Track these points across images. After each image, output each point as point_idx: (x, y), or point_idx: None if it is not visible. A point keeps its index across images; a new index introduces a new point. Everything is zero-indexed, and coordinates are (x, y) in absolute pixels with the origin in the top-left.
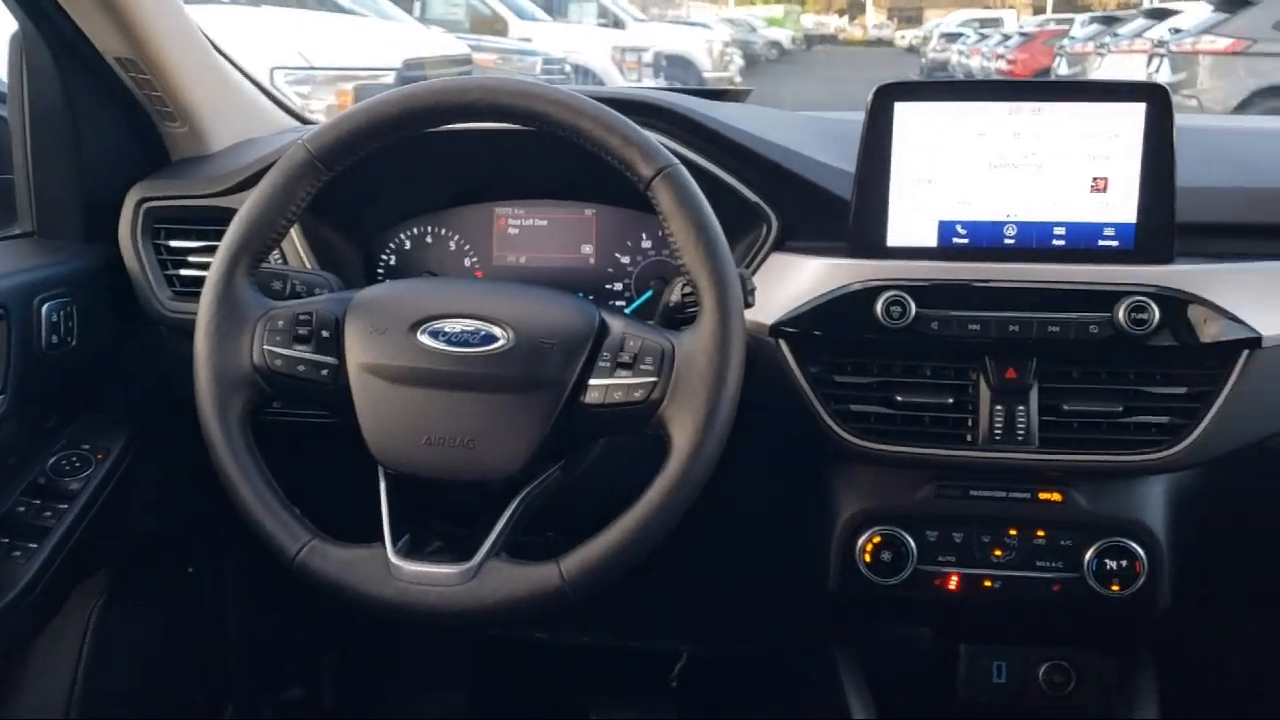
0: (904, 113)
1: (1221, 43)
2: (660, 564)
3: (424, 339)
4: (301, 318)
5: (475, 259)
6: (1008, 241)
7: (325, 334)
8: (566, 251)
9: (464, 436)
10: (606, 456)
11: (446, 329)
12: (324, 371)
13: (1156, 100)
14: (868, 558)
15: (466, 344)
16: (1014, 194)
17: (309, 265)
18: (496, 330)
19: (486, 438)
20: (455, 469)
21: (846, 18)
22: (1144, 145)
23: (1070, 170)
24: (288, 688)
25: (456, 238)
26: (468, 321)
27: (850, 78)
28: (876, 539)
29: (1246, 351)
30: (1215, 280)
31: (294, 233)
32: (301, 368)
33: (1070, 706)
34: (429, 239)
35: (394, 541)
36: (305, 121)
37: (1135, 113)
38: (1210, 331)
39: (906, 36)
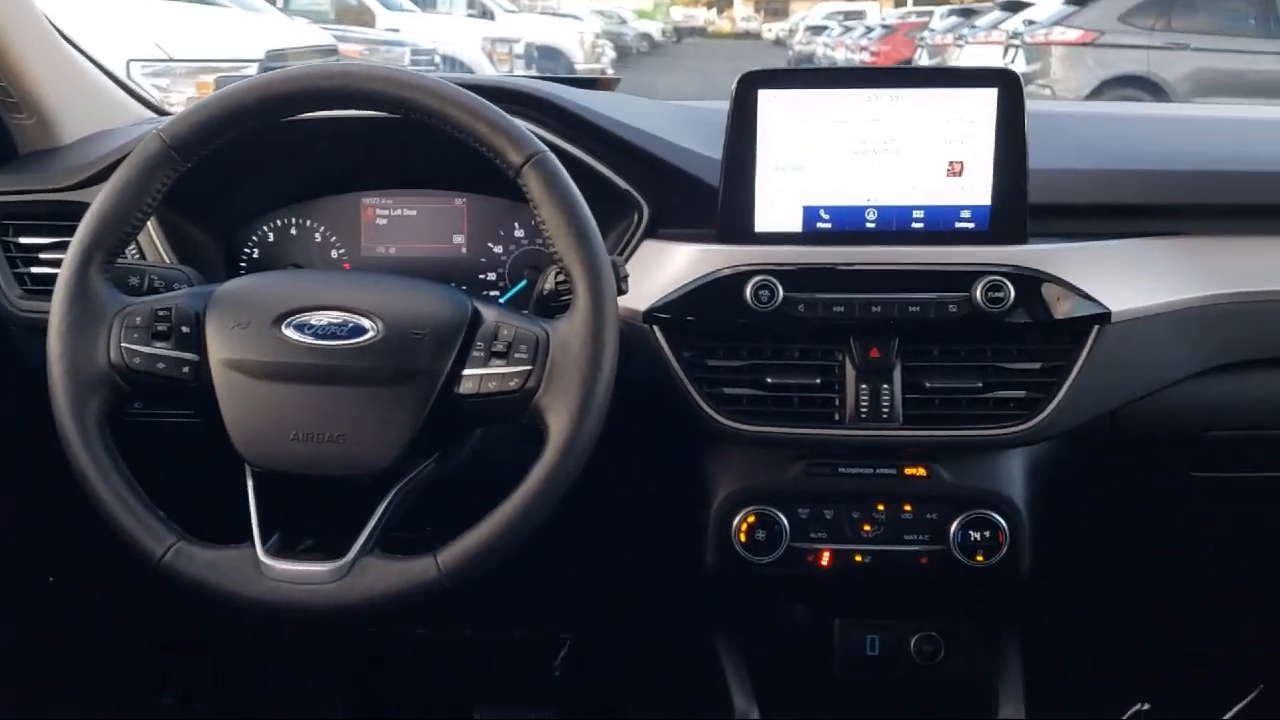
0: (768, 100)
1: (1072, 34)
2: (540, 552)
3: (289, 332)
4: (160, 313)
5: (342, 251)
6: (869, 225)
7: (185, 330)
8: (437, 242)
9: (333, 431)
10: (485, 448)
11: (312, 321)
12: (185, 369)
13: (1007, 85)
14: (743, 537)
15: (334, 336)
16: (875, 179)
17: (167, 260)
18: (365, 322)
19: (357, 432)
20: (325, 465)
21: (715, 10)
22: (997, 130)
23: (928, 155)
24: (159, 695)
25: (322, 229)
26: (334, 313)
27: (721, 69)
28: (751, 518)
29: (1097, 326)
30: (1067, 259)
31: (151, 226)
32: (161, 365)
33: (940, 674)
34: (293, 231)
35: (264, 541)
36: (163, 113)
37: (987, 98)
38: (1063, 308)
39: (774, 29)
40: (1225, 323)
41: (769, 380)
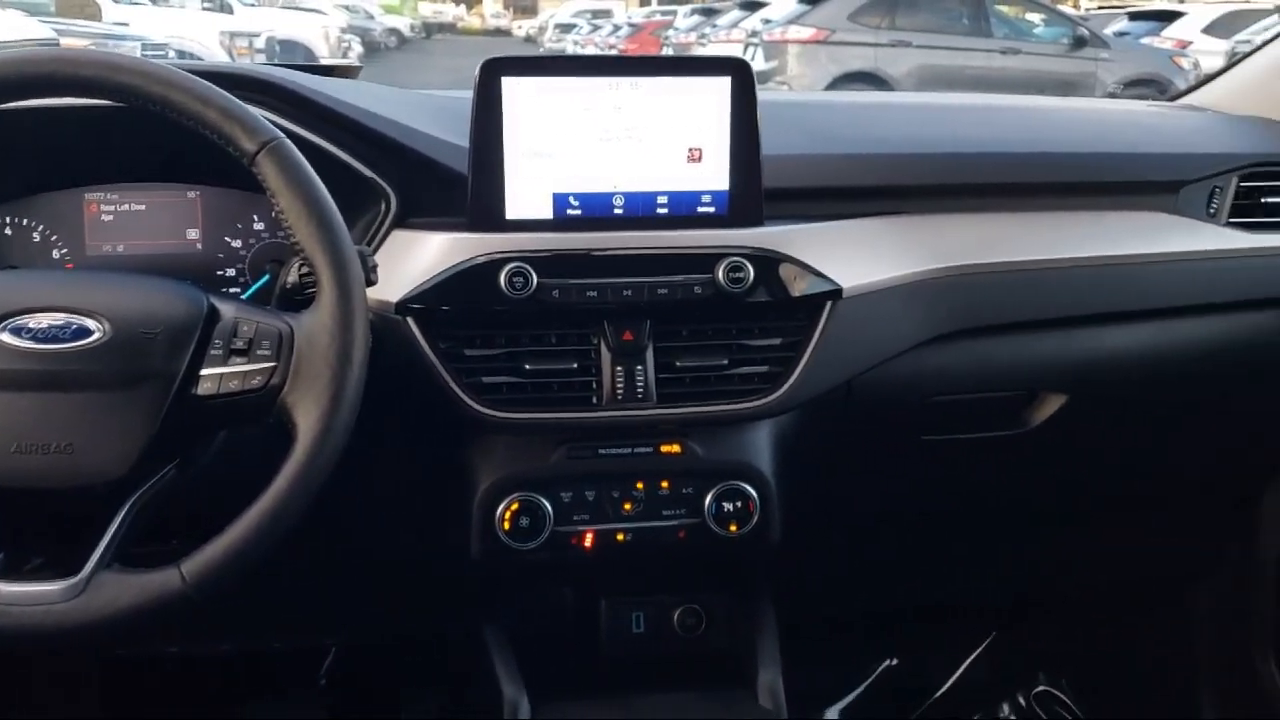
0: (512, 87)
1: (806, 32)
2: (297, 556)
3: (5, 337)
4: None
5: (65, 250)
6: (616, 211)
7: None
8: (170, 237)
9: (60, 441)
10: (234, 450)
11: (31, 325)
12: None
13: (739, 74)
14: (507, 525)
15: (56, 340)
16: (620, 166)
17: None
18: (90, 323)
19: (86, 441)
20: (52, 477)
21: (464, 6)
22: (731, 117)
23: (668, 142)
24: None
25: (41, 228)
26: (56, 315)
27: (472, 66)
28: (515, 505)
29: (830, 302)
30: (801, 239)
31: None
32: None
33: (703, 646)
34: (8, 230)
35: None
36: None
37: (721, 86)
38: (799, 286)
39: (524, 27)
40: (944, 294)
41: (527, 367)
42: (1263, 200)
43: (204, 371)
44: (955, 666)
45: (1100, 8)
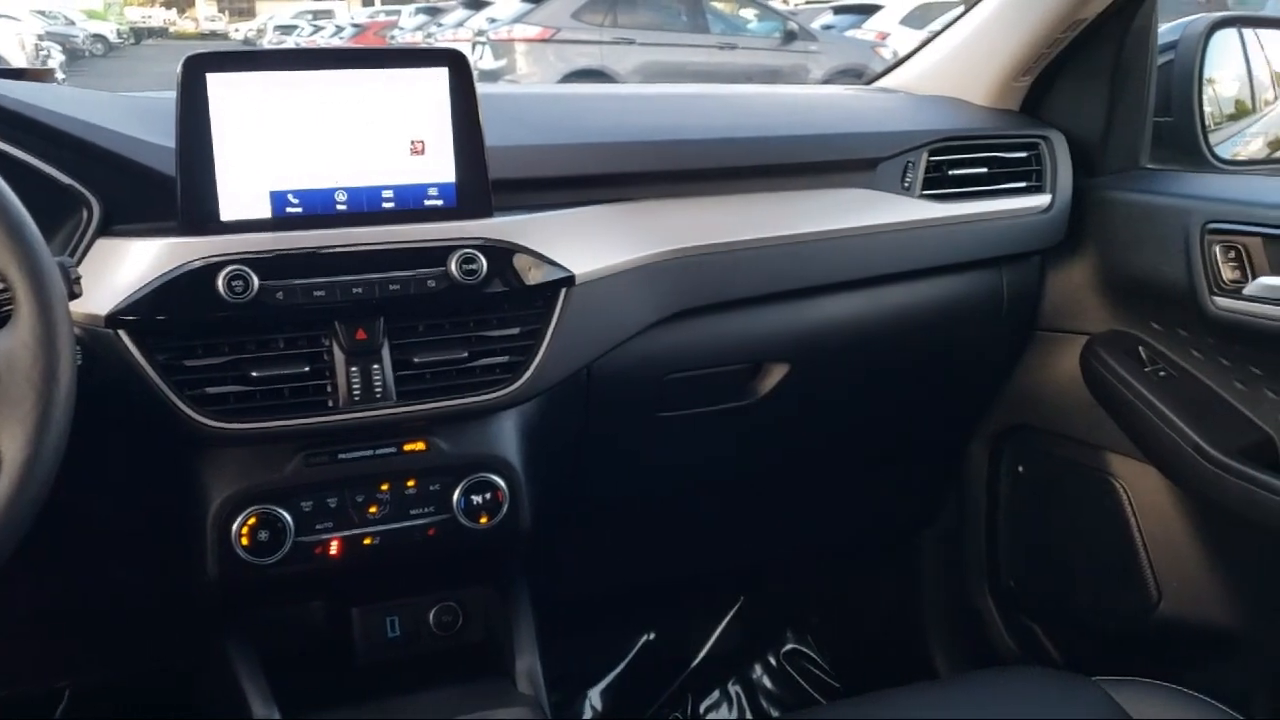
0: (219, 84)
1: (531, 31)
2: (13, 596)
3: None
4: None
5: None
6: (340, 208)
7: None
8: None
9: None
10: None
11: None
12: None
13: (456, 65)
14: (245, 540)
15: None
16: (342, 161)
17: None
18: None
19: None
20: None
21: (175, 10)
22: (452, 108)
23: (390, 135)
24: None
25: None
26: None
27: None
28: (252, 520)
29: (565, 290)
30: (533, 229)
31: None
32: None
33: (461, 642)
34: None
35: None
36: None
37: (439, 77)
38: (534, 275)
39: (241, 30)
40: (672, 276)
41: (254, 374)
42: (950, 173)
43: None
44: (709, 634)
45: (808, 2)
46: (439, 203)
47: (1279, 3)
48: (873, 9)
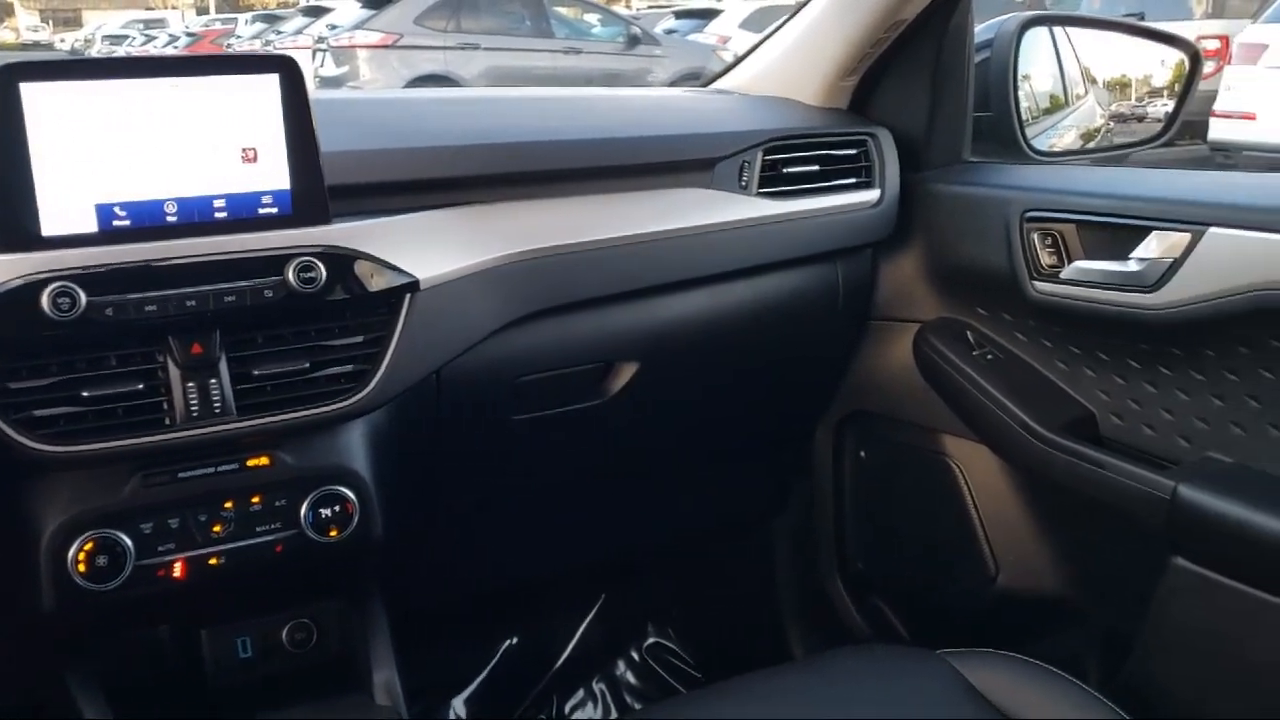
0: (35, 94)
1: (373, 37)
2: None
3: None
4: None
5: None
6: (170, 219)
7: None
8: None
9: None
10: None
11: None
12: None
13: (286, 70)
14: (82, 567)
15: None
16: (171, 171)
17: None
18: None
19: None
20: None
21: None
22: (284, 114)
23: (220, 144)
24: None
25: None
26: None
27: None
28: (89, 545)
29: (409, 295)
30: (373, 235)
31: None
32: None
33: (317, 658)
34: None
35: None
36: None
37: (270, 84)
38: (376, 282)
39: (67, 40)
40: (519, 278)
41: (85, 394)
42: (785, 171)
43: None
44: (572, 634)
45: (650, 7)
46: (274, 211)
47: (1091, 2)
48: (713, 13)
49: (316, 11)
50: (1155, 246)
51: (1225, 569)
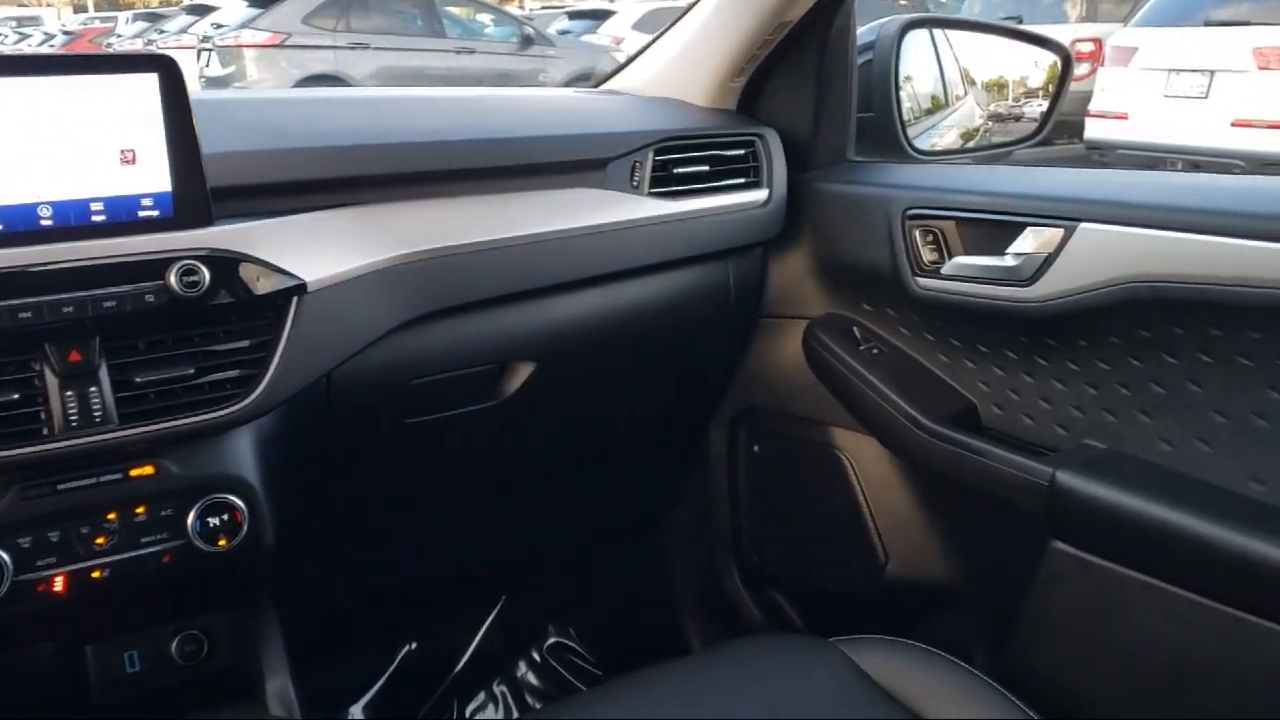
0: None
1: (260, 36)
2: None
3: None
4: None
5: None
6: (44, 223)
7: None
8: None
9: None
10: None
11: None
12: None
13: (166, 70)
14: None
15: None
16: (44, 174)
17: None
18: None
19: None
20: None
21: None
22: (164, 115)
23: (97, 145)
24: None
25: None
26: None
27: None
28: None
29: (296, 298)
30: (258, 237)
31: None
32: None
33: (208, 670)
34: None
35: None
36: None
37: (149, 84)
38: (262, 285)
39: None
40: (410, 280)
41: None
42: (675, 171)
43: None
44: (472, 637)
45: (544, 7)
46: (154, 213)
47: (971, 6)
48: (606, 15)
49: (201, 10)
50: (1030, 242)
51: (1101, 551)
